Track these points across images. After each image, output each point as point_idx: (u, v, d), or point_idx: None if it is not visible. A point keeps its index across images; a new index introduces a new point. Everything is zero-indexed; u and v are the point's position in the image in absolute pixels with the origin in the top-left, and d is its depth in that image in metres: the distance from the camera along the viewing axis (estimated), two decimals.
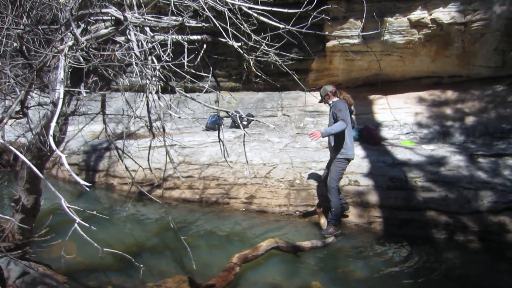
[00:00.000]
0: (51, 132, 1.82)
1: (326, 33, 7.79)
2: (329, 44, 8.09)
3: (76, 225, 1.82)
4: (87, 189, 1.70)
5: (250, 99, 9.47)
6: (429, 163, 5.50)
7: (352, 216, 5.07)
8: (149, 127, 2.82)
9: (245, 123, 8.47)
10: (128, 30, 2.54)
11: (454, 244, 4.49)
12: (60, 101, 1.97)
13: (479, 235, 4.50)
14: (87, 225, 1.90)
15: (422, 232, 4.69)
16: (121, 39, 2.83)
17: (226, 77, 9.65)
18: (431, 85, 8.01)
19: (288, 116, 8.61)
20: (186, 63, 2.41)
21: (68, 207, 1.75)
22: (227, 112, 3.00)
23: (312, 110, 8.53)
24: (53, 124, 1.82)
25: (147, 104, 2.69)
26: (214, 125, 8.20)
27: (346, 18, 7.74)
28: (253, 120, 8.61)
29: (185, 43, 2.59)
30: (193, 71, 2.86)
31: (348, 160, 4.71)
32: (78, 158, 7.62)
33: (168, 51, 2.36)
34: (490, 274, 3.94)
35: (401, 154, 5.90)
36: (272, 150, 6.63)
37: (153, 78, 2.28)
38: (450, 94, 7.60)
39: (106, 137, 3.50)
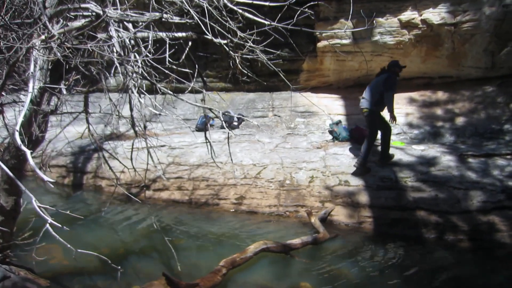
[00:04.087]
0: (17, 127, 1.74)
1: (315, 31, 7.78)
2: (320, 44, 8.06)
3: (48, 225, 1.74)
4: (51, 185, 1.62)
5: (241, 100, 9.42)
6: (419, 163, 5.49)
7: (343, 216, 5.03)
8: (132, 127, 2.75)
9: (236, 123, 8.40)
10: (109, 26, 2.47)
11: (444, 243, 4.47)
12: (30, 95, 1.90)
13: (469, 234, 4.48)
14: (59, 225, 1.81)
15: (412, 232, 4.67)
16: (103, 35, 2.76)
17: (216, 77, 9.58)
18: (422, 85, 8.01)
19: (279, 116, 8.57)
20: (168, 59, 2.34)
21: (39, 207, 1.67)
22: (210, 109, 2.94)
23: (303, 110, 8.50)
24: (20, 120, 1.74)
25: (130, 103, 2.62)
26: (205, 125, 8.13)
27: (337, 18, 7.72)
28: (244, 120, 8.57)
29: (167, 39, 2.53)
30: (180, 69, 2.80)
31: None
32: (65, 160, 7.49)
33: (149, 47, 2.30)
34: (480, 274, 3.92)
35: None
36: (262, 151, 6.57)
37: (134, 75, 2.21)
38: (440, 94, 7.62)
39: (89, 137, 3.41)
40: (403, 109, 7.49)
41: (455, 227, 4.55)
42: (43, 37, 2.01)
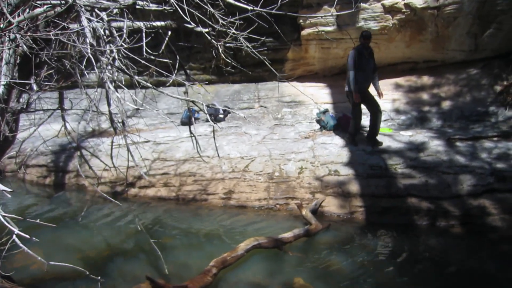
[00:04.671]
0: None
1: (300, 15, 7.63)
2: (304, 32, 7.91)
3: (14, 236, 1.58)
4: (8, 195, 1.46)
5: (226, 92, 9.22)
6: (408, 149, 5.44)
7: (334, 207, 4.96)
8: (111, 123, 2.58)
9: (221, 116, 8.23)
10: (80, 16, 2.28)
11: (437, 230, 4.44)
12: None
13: (461, 219, 4.47)
14: (27, 236, 1.65)
15: (404, 219, 4.63)
16: (75, 26, 2.55)
17: (200, 69, 9.35)
18: (407, 71, 7.96)
19: (265, 107, 8.42)
20: (145, 50, 2.17)
21: (3, 216, 1.51)
22: (193, 102, 2.78)
23: (290, 100, 8.37)
24: None
25: (107, 98, 2.44)
26: (190, 119, 7.92)
27: (320, 5, 7.56)
28: (229, 112, 8.40)
29: (144, 28, 2.35)
30: (160, 59, 2.62)
31: None
32: (46, 159, 7.21)
33: (124, 36, 2.12)
34: (473, 259, 3.91)
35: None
36: (250, 143, 6.44)
37: (109, 67, 2.04)
38: (426, 79, 7.58)
39: (66, 135, 3.21)
40: (390, 95, 7.43)
41: (446, 212, 4.53)
42: (1, 25, 1.81)
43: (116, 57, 2.14)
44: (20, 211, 5.71)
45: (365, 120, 7.26)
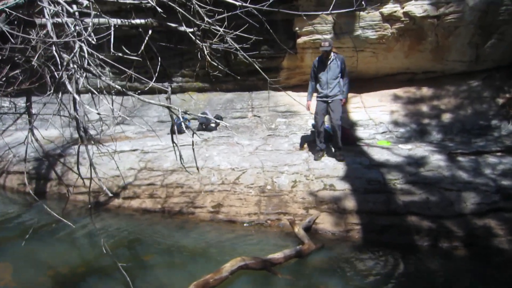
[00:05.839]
0: None
1: (292, 12, 7.40)
2: (300, 40, 7.68)
3: None
4: None
5: (218, 100, 8.94)
6: (407, 164, 5.15)
7: (328, 224, 4.62)
8: (77, 130, 2.26)
9: (213, 125, 7.93)
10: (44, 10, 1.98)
11: (439, 251, 4.11)
12: None
13: (464, 240, 4.15)
14: None
15: (403, 239, 4.30)
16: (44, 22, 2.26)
17: (192, 77, 9.07)
18: (406, 81, 7.74)
19: (259, 117, 8.14)
20: (112, 46, 1.88)
21: None
22: (168, 107, 2.47)
23: (284, 110, 8.10)
24: None
25: (74, 101, 2.13)
26: (180, 128, 7.62)
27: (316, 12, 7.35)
28: (221, 119, 8.10)
29: (113, 23, 2.05)
30: (131, 56, 2.33)
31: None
32: (28, 166, 6.86)
33: (89, 30, 1.82)
34: (478, 284, 3.58)
35: (378, 154, 5.54)
36: (241, 154, 6.12)
37: (71, 65, 1.74)
38: (425, 90, 7.35)
39: (30, 141, 2.88)
40: (388, 106, 7.19)
41: (449, 232, 4.21)
42: None
43: (78, 52, 1.84)
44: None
45: (362, 132, 7.03)
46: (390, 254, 4.02)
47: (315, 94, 5.80)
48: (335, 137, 5.58)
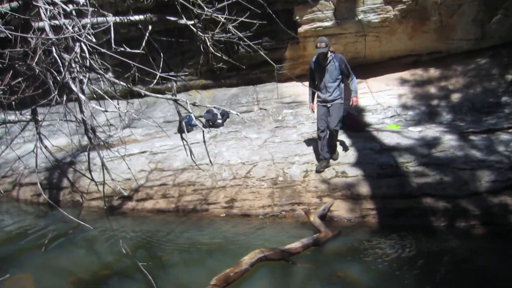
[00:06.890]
0: None
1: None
2: (301, 29, 7.61)
3: None
4: None
5: (223, 96, 8.93)
6: (419, 146, 5.11)
7: (343, 211, 4.62)
8: (85, 133, 2.27)
9: (220, 121, 7.93)
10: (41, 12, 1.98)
11: (456, 231, 4.09)
12: None
13: (481, 219, 4.11)
14: None
15: (420, 221, 4.28)
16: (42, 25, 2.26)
17: (195, 74, 9.05)
18: (412, 64, 7.65)
19: (265, 109, 8.12)
20: (113, 42, 1.87)
21: None
22: (175, 100, 2.46)
23: (290, 101, 8.07)
24: None
25: (79, 103, 2.14)
26: (187, 126, 7.63)
27: (316, 0, 7.28)
28: (228, 117, 8.10)
29: (111, 18, 2.05)
30: (133, 50, 2.32)
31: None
32: (39, 176, 6.93)
33: (88, 27, 1.82)
34: (498, 263, 3.55)
35: (388, 139, 5.49)
36: (250, 147, 6.12)
37: (74, 65, 1.74)
38: (432, 72, 7.26)
39: (39, 149, 2.91)
40: (395, 90, 7.12)
41: (465, 212, 4.18)
42: None
43: (79, 51, 1.83)
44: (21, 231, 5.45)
45: (371, 117, 6.98)
46: (407, 237, 4.00)
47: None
48: (329, 141, 5.16)
